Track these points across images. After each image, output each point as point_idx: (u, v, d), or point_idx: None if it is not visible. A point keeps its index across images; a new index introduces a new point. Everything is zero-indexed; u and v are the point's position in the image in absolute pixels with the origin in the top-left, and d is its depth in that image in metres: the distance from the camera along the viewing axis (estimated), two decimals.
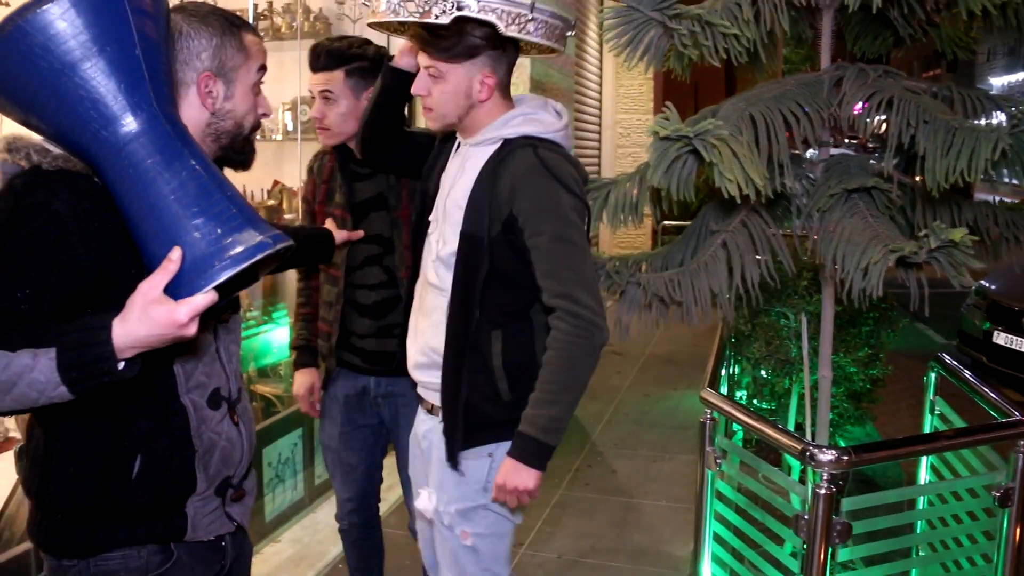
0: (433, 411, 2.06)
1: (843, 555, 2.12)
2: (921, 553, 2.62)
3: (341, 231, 2.43)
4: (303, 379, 2.65)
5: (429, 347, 2.01)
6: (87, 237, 1.31)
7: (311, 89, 2.43)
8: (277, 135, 5.03)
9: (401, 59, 2.14)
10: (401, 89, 2.16)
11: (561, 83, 6.15)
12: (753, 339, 4.28)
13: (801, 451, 2.09)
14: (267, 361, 4.01)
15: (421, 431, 2.14)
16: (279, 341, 4.03)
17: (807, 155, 2.77)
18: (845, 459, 2.04)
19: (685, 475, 4.34)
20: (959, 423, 2.76)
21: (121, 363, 1.23)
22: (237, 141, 1.56)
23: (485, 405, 1.96)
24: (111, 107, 1.25)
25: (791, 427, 3.98)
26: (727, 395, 3.44)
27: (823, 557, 2.06)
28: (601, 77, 9.97)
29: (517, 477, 1.88)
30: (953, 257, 2.04)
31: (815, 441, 2.83)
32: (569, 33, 1.96)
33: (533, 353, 1.96)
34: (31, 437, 1.48)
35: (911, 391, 5.35)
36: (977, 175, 2.14)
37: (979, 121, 2.51)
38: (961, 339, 6.44)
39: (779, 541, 2.28)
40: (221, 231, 1.26)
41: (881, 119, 2.44)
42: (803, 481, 2.12)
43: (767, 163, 2.35)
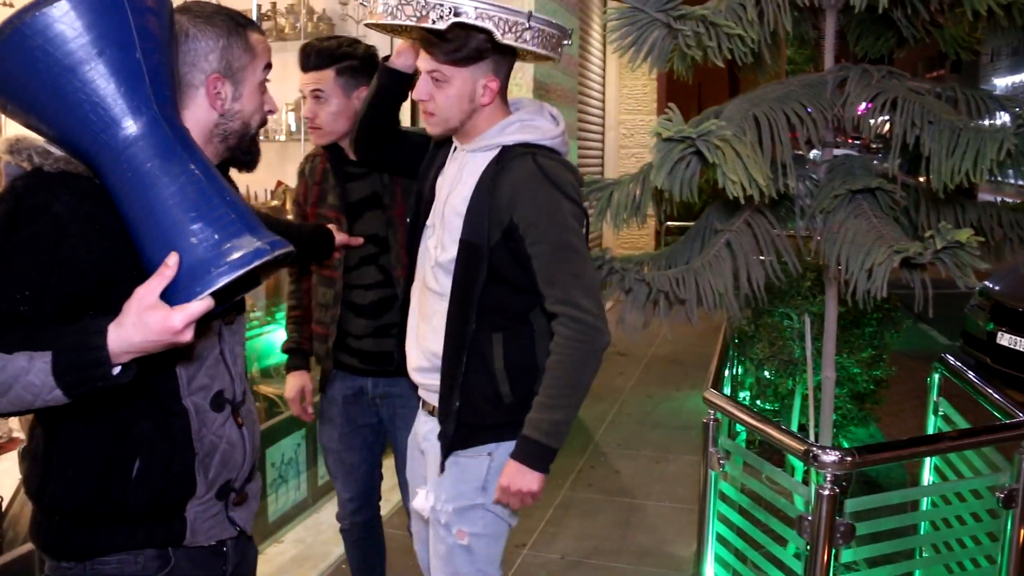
0: (435, 413, 2.07)
1: (846, 556, 2.12)
2: (925, 554, 2.61)
3: (341, 234, 2.42)
4: (294, 382, 2.64)
5: (431, 352, 2.02)
6: (87, 239, 1.31)
7: (302, 89, 2.42)
8: (280, 135, 5.04)
9: (398, 59, 2.14)
10: (397, 89, 2.17)
11: (564, 84, 6.15)
12: (756, 340, 4.28)
13: (804, 452, 2.09)
14: (270, 362, 4.01)
15: (422, 432, 2.15)
16: (282, 342, 4.02)
17: (810, 156, 2.76)
18: (848, 460, 2.04)
19: (688, 476, 4.34)
20: (963, 424, 2.76)
21: (116, 368, 1.23)
22: (244, 141, 1.56)
23: (486, 407, 1.98)
24: (111, 110, 1.25)
25: (794, 428, 3.98)
26: (730, 396, 3.44)
27: (826, 558, 2.05)
28: (604, 78, 9.97)
29: (521, 480, 1.91)
30: (959, 258, 2.04)
31: (818, 442, 2.83)
32: (566, 43, 1.96)
33: (534, 355, 1.99)
34: (32, 437, 1.48)
35: (915, 392, 5.34)
36: (982, 176, 2.14)
37: (983, 122, 2.51)
38: (965, 340, 6.43)
39: (782, 542, 2.28)
40: (219, 237, 1.26)
41: (885, 120, 2.44)
42: (806, 482, 2.12)
43: (770, 164, 2.35)
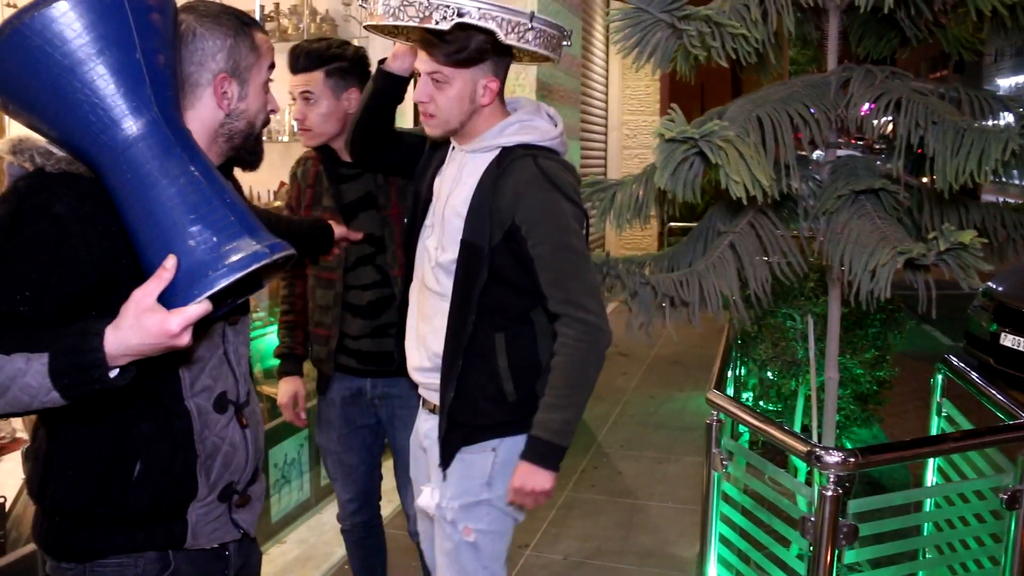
0: (436, 411, 2.07)
1: (849, 557, 2.12)
2: (928, 555, 2.61)
3: (340, 227, 2.41)
4: (287, 388, 2.64)
5: (432, 351, 2.02)
6: (88, 239, 1.31)
7: (291, 91, 2.41)
8: (284, 136, 5.04)
9: (394, 62, 2.13)
10: (393, 93, 2.17)
11: (567, 84, 6.15)
12: (759, 341, 4.28)
13: (807, 453, 2.09)
14: (273, 362, 4.00)
15: (423, 430, 2.16)
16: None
17: (814, 156, 2.77)
18: (852, 461, 2.04)
19: (691, 477, 4.34)
20: (966, 425, 2.76)
21: (114, 371, 1.22)
22: (249, 141, 1.55)
23: (489, 406, 1.99)
24: (111, 111, 1.25)
25: (797, 429, 3.98)
26: (733, 397, 3.43)
27: (829, 559, 2.05)
28: (607, 78, 9.98)
29: (533, 480, 1.93)
30: (962, 259, 2.04)
31: (821, 443, 2.82)
32: (565, 43, 1.96)
33: (536, 354, 2.01)
34: (35, 438, 1.48)
35: (918, 393, 5.34)
36: (987, 176, 2.14)
37: (987, 122, 2.51)
38: (968, 341, 6.42)
39: (785, 543, 2.28)
40: (217, 239, 1.25)
41: (888, 120, 2.44)
42: (809, 483, 2.11)
43: (774, 165, 2.35)
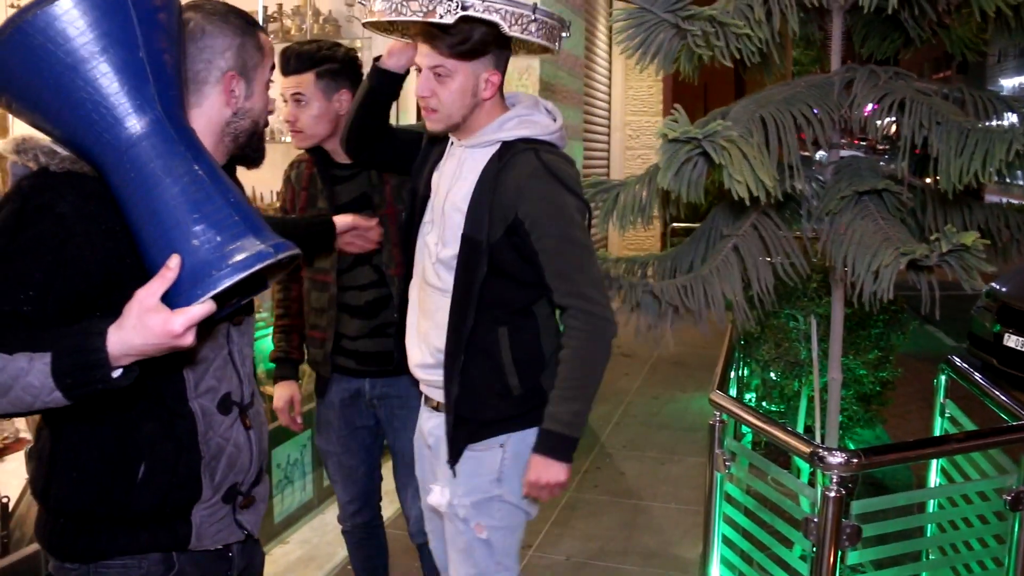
0: (439, 408, 2.08)
1: (852, 558, 2.12)
2: (931, 557, 2.61)
3: (345, 217, 2.34)
4: (282, 392, 2.63)
5: (435, 347, 2.03)
6: (92, 239, 1.31)
7: (283, 93, 2.40)
8: (286, 137, 5.03)
9: (389, 60, 2.13)
10: (389, 90, 2.17)
11: (570, 85, 6.15)
12: (762, 341, 4.28)
13: (810, 454, 2.08)
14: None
15: (427, 428, 2.16)
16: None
17: (817, 157, 2.76)
18: (855, 462, 2.04)
19: (694, 477, 4.33)
20: (969, 426, 2.75)
21: (117, 371, 1.21)
22: (253, 139, 1.56)
23: (494, 400, 2.00)
24: (114, 109, 1.24)
25: (800, 430, 3.97)
26: (736, 397, 3.43)
27: (832, 560, 2.05)
28: (610, 79, 9.97)
29: (547, 472, 1.95)
30: (964, 260, 2.04)
31: (824, 444, 2.83)
32: (564, 34, 1.97)
33: (539, 347, 2.02)
34: (39, 438, 1.48)
35: (921, 394, 5.33)
36: (991, 177, 2.14)
37: (991, 122, 2.50)
38: (971, 342, 6.41)
39: (788, 544, 2.28)
40: (221, 239, 1.24)
41: (892, 121, 2.44)
42: (812, 484, 2.11)
43: (777, 165, 2.35)
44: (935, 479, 2.84)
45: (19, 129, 1.43)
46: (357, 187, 2.45)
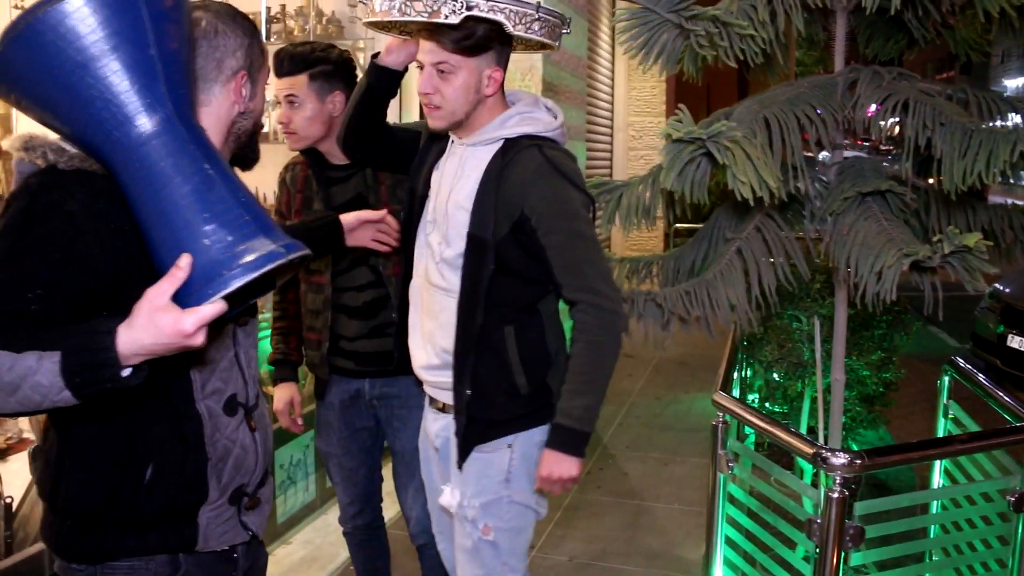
0: (446, 409, 2.07)
1: (856, 559, 2.11)
2: (935, 558, 2.61)
3: (360, 213, 2.25)
4: (282, 394, 2.63)
5: (442, 348, 2.02)
6: (101, 237, 1.30)
7: (276, 94, 2.39)
8: None
9: (388, 57, 2.13)
10: (387, 88, 2.16)
11: (573, 85, 6.14)
12: (765, 342, 4.27)
13: (814, 455, 2.08)
14: None
15: (433, 430, 2.15)
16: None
17: (820, 158, 2.76)
18: (858, 463, 2.03)
19: (697, 478, 4.33)
20: (973, 427, 2.75)
21: (127, 370, 1.21)
22: (253, 140, 1.57)
23: (502, 399, 1.99)
24: (124, 107, 1.24)
25: (803, 431, 3.97)
26: (739, 398, 3.43)
27: (836, 561, 2.05)
28: (613, 79, 9.96)
29: (559, 467, 1.94)
30: (967, 262, 2.03)
31: (828, 445, 2.82)
32: (565, 30, 1.97)
33: (545, 344, 2.02)
34: (46, 439, 1.47)
35: (924, 395, 5.32)
36: (995, 177, 2.14)
37: (995, 123, 2.50)
38: (975, 342, 6.40)
39: (791, 545, 2.28)
40: (232, 239, 1.23)
41: (895, 121, 2.44)
42: (816, 485, 2.11)
43: (780, 166, 2.35)
44: (938, 480, 2.84)
45: (23, 127, 1.43)
46: (352, 188, 2.44)
